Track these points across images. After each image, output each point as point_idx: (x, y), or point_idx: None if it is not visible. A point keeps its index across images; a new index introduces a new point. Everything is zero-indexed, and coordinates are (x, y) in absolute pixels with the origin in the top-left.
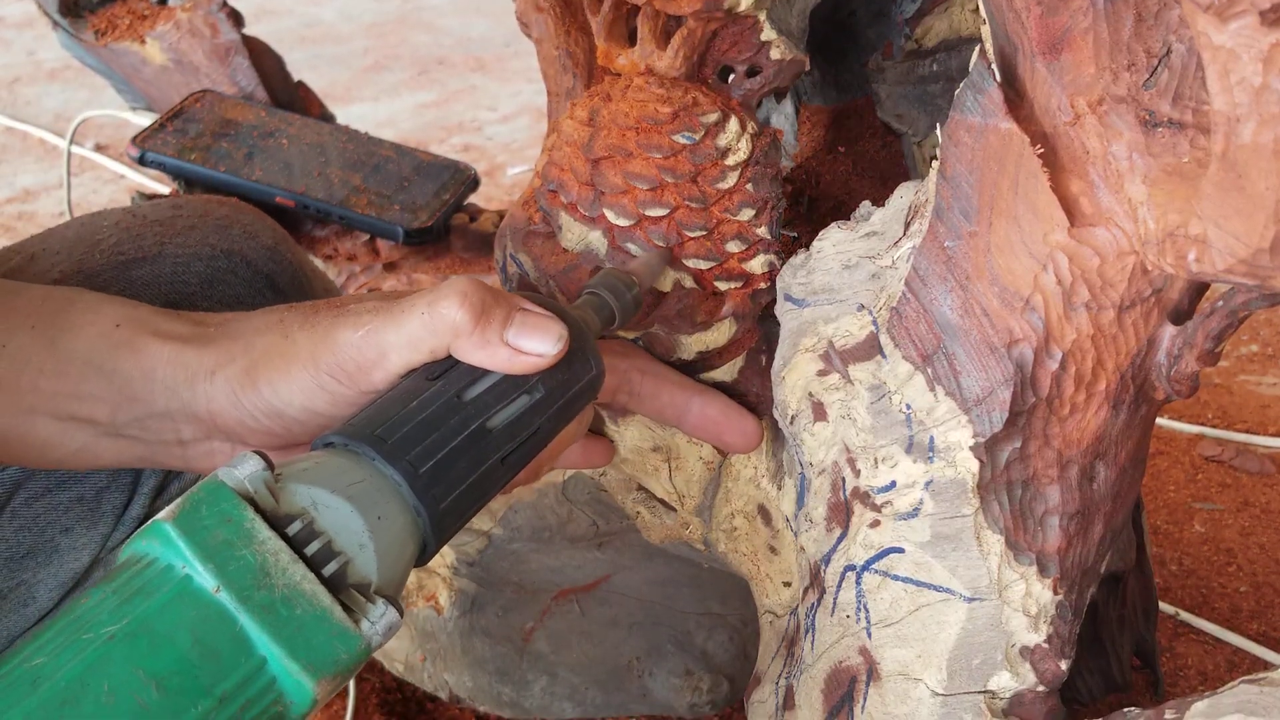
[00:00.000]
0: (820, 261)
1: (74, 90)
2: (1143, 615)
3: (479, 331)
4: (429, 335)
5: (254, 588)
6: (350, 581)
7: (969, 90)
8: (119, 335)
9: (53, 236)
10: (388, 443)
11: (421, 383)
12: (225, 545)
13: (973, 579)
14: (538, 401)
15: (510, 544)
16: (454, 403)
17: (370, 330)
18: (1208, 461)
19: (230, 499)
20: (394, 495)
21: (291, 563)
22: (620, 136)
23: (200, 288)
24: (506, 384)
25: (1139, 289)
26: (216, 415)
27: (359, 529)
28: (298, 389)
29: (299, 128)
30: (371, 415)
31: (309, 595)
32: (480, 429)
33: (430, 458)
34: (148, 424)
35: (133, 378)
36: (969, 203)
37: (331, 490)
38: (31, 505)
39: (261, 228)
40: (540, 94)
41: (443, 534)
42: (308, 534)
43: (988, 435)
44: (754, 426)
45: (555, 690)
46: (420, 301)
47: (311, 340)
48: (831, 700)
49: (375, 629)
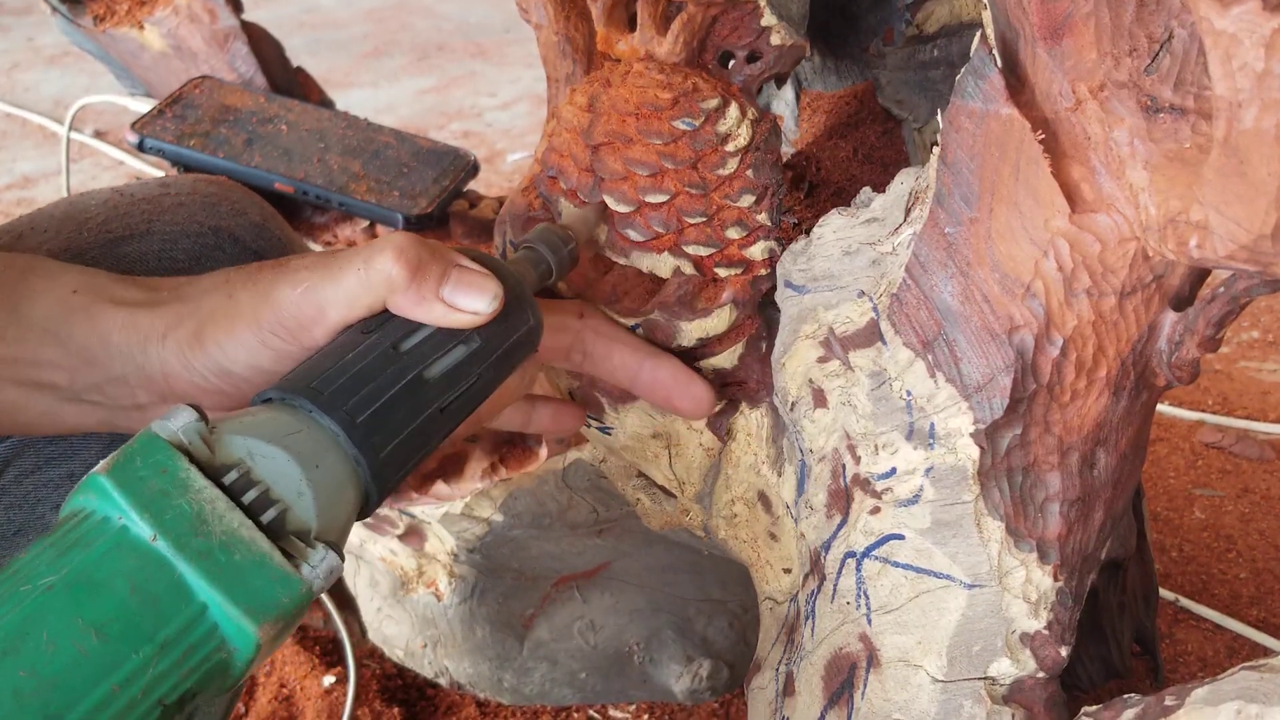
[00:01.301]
0: (821, 248)
1: (73, 76)
2: (1143, 602)
3: (414, 287)
4: (365, 291)
5: (191, 535)
6: (290, 529)
7: (970, 76)
8: (75, 301)
9: (41, 215)
10: (324, 394)
11: (357, 336)
12: (161, 494)
13: (973, 565)
14: (475, 351)
15: (510, 531)
16: (390, 353)
17: (308, 288)
18: (1208, 448)
19: (164, 450)
20: (332, 445)
21: (228, 510)
22: (620, 122)
23: (189, 264)
24: (443, 334)
25: (1140, 275)
26: (170, 377)
27: (296, 476)
28: (242, 348)
29: (298, 114)
30: (308, 369)
31: (247, 541)
32: (417, 378)
33: (367, 407)
34: (105, 389)
35: (89, 343)
36: (970, 189)
37: (268, 440)
38: (22, 482)
39: (249, 205)
40: (540, 80)
41: (384, 483)
42: (244, 483)
43: (988, 422)
44: (703, 391)
45: (555, 677)
46: (357, 258)
47: (253, 299)
48: (831, 687)
49: (316, 572)
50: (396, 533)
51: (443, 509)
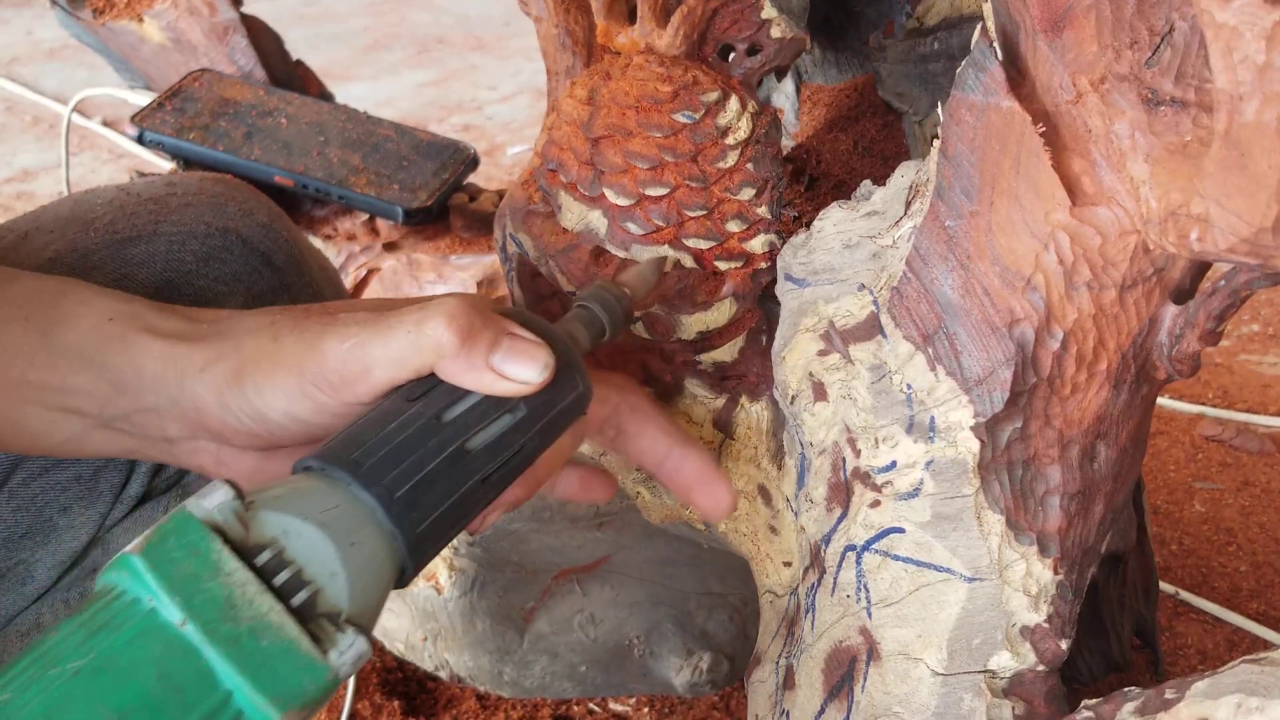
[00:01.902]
0: (821, 241)
1: (72, 69)
2: (1143, 595)
3: (465, 355)
4: (414, 354)
5: (220, 620)
6: (320, 610)
7: (970, 69)
8: (111, 329)
9: (45, 214)
10: (363, 467)
11: (401, 403)
12: (192, 578)
13: (973, 559)
14: (520, 421)
15: (510, 524)
16: (432, 424)
17: (357, 343)
18: (1208, 441)
19: (198, 530)
20: (369, 520)
21: (259, 594)
22: (620, 115)
23: (197, 265)
24: (488, 404)
25: (1141, 268)
26: (203, 413)
27: (330, 557)
28: (282, 395)
29: (298, 107)
30: (348, 438)
31: (276, 627)
32: (459, 450)
33: (407, 481)
34: (135, 419)
35: (123, 372)
36: (970, 182)
37: (303, 518)
38: (29, 485)
39: (257, 205)
40: (540, 73)
41: (421, 557)
42: (277, 563)
43: (988, 415)
44: (726, 494)
45: (556, 670)
46: (409, 319)
47: (299, 347)
48: (832, 680)
49: (344, 659)
50: None
51: None
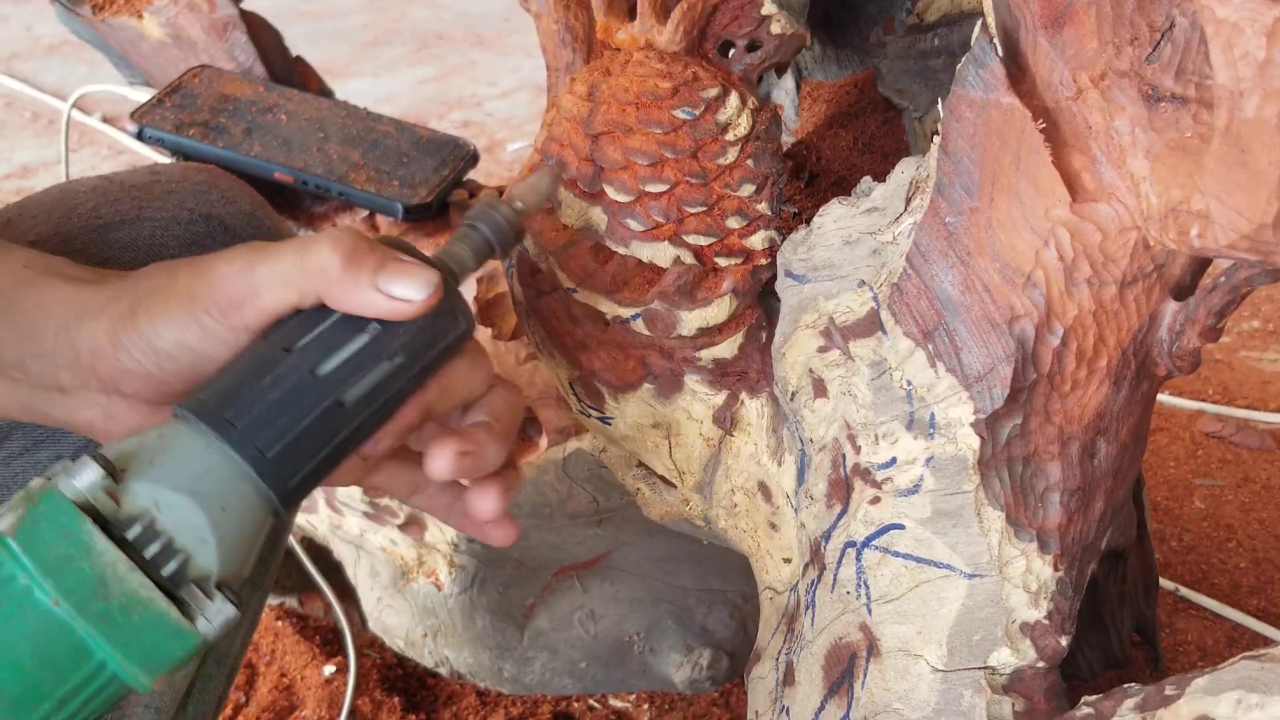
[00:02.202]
0: (821, 237)
1: (72, 65)
2: (1143, 591)
3: (349, 275)
4: (300, 276)
5: (92, 599)
6: (191, 576)
7: (971, 65)
8: (24, 274)
9: (29, 203)
10: (236, 427)
11: (276, 352)
12: (64, 559)
13: (973, 555)
14: (397, 368)
15: None
16: (307, 379)
17: (244, 265)
18: (1208, 438)
19: (69, 511)
20: (241, 481)
21: (129, 571)
22: (620, 112)
23: (180, 250)
24: (365, 353)
25: (1141, 265)
26: (97, 356)
27: (200, 524)
28: (173, 324)
29: (298, 103)
30: (223, 390)
31: (146, 601)
32: (334, 404)
33: (280, 440)
34: (29, 365)
35: (29, 312)
36: (970, 178)
37: (174, 488)
38: (10, 465)
39: (239, 193)
40: (540, 69)
41: (293, 505)
42: (148, 535)
43: (989, 412)
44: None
45: (556, 666)
46: (295, 244)
47: (190, 277)
48: (832, 676)
49: (211, 625)
50: (397, 523)
51: None
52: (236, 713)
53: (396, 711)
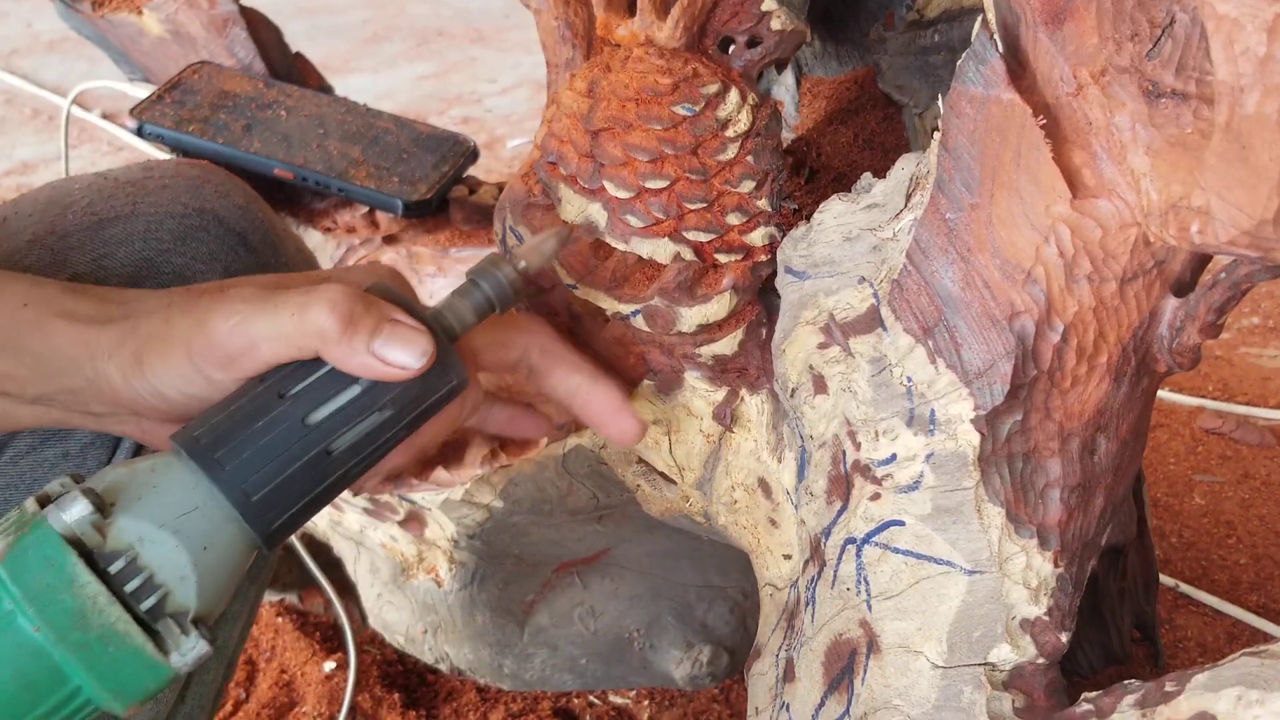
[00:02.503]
0: (821, 234)
1: (72, 62)
2: (1143, 588)
3: (345, 340)
4: (298, 335)
5: (71, 629)
6: (168, 611)
7: (971, 61)
8: (27, 314)
9: (24, 201)
10: (225, 469)
11: (271, 399)
12: (48, 589)
13: (973, 552)
14: (386, 420)
15: (510, 517)
16: (297, 427)
17: (241, 319)
18: (1208, 434)
19: (55, 544)
20: (225, 521)
21: (109, 604)
22: (620, 108)
23: (174, 244)
24: (355, 406)
25: (1141, 261)
26: (117, 393)
27: (182, 563)
28: (177, 375)
29: (297, 99)
30: (217, 430)
31: (123, 635)
32: (322, 453)
33: (266, 484)
34: (58, 398)
35: (43, 356)
36: (970, 174)
37: (159, 525)
38: (18, 463)
39: (233, 188)
40: (540, 66)
41: (275, 545)
42: (130, 571)
43: (989, 408)
44: (632, 425)
45: (556, 662)
46: (293, 301)
47: (188, 326)
48: (832, 672)
49: (184, 660)
50: (396, 519)
51: (443, 495)
52: (237, 709)
53: (397, 708)
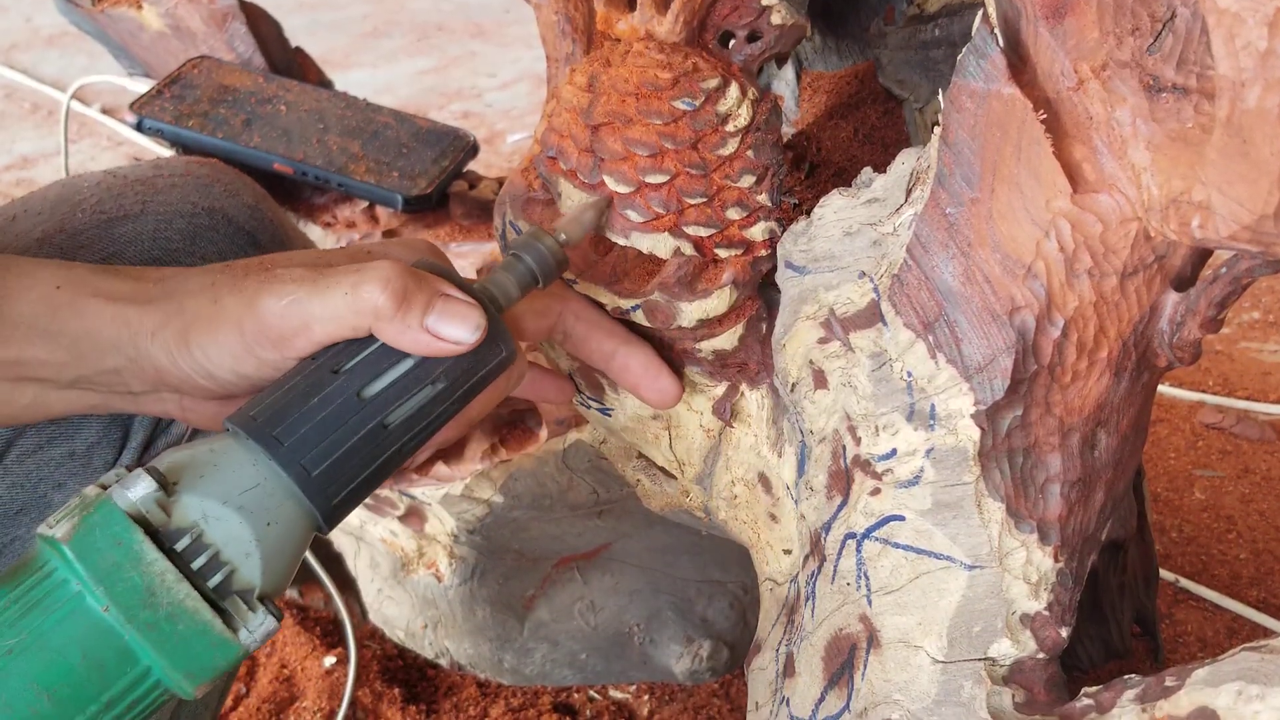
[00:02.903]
0: (821, 228)
1: (71, 56)
2: (1143, 583)
3: (400, 317)
4: (351, 314)
5: (140, 607)
6: (235, 589)
7: (971, 55)
8: (60, 297)
9: (34, 198)
10: (283, 445)
11: (325, 374)
12: (115, 568)
13: (973, 547)
14: (440, 392)
15: (511, 512)
16: (353, 401)
17: (294, 300)
18: (1208, 429)
19: (122, 522)
20: (287, 497)
21: (176, 582)
22: (620, 102)
23: (183, 244)
24: (409, 378)
25: (1142, 256)
26: (161, 371)
27: (247, 539)
28: (227, 354)
29: (297, 94)
30: (271, 407)
31: (191, 612)
32: (378, 426)
33: (325, 459)
34: (97, 379)
35: (79, 338)
36: (971, 169)
37: (222, 502)
38: (24, 462)
39: (242, 186)
40: (540, 60)
41: (335, 521)
42: (196, 548)
43: (989, 403)
44: (671, 384)
45: (556, 657)
46: (345, 280)
47: (238, 305)
48: (832, 667)
49: (253, 637)
50: (397, 514)
51: (443, 490)
52: (237, 703)
53: (397, 702)
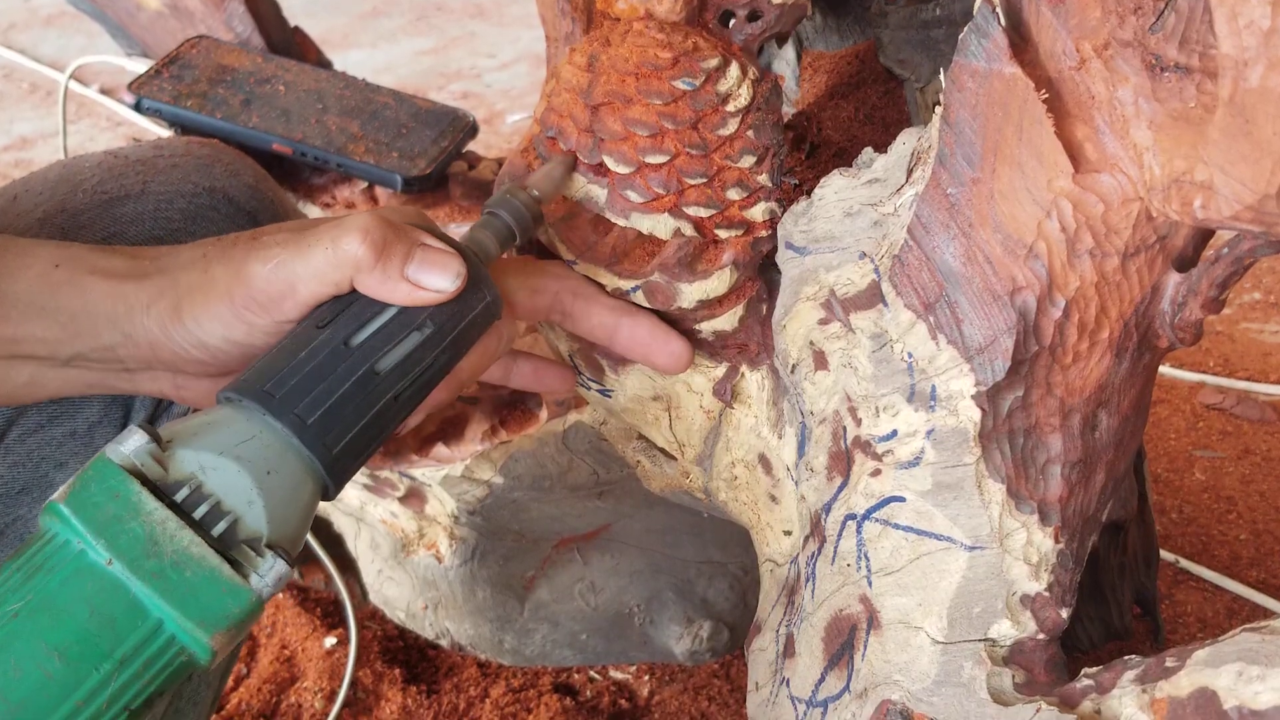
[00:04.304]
0: (822, 209)
1: (69, 36)
2: (1143, 563)
3: (380, 267)
4: (333, 269)
5: (144, 557)
6: (241, 538)
7: (973, 34)
8: (59, 275)
9: (35, 178)
10: (275, 397)
11: (311, 330)
12: (114, 519)
13: (974, 528)
14: (428, 338)
15: (511, 493)
16: (340, 350)
17: (279, 263)
18: (1209, 409)
19: (117, 474)
20: (286, 448)
21: (179, 529)
22: (620, 82)
23: (184, 224)
24: (394, 324)
25: (1143, 236)
26: (155, 347)
27: (247, 486)
28: (217, 322)
29: (296, 74)
30: (261, 368)
31: (197, 558)
32: (369, 373)
33: (318, 407)
34: (92, 356)
35: (76, 314)
36: (972, 149)
37: (218, 452)
38: (25, 441)
39: (242, 166)
40: (540, 40)
41: (341, 475)
42: (196, 498)
43: (990, 384)
44: (681, 347)
45: (556, 638)
46: (325, 236)
47: (227, 274)
48: (832, 648)
49: (265, 581)
50: (397, 495)
51: (443, 471)
52: (238, 684)
53: (398, 683)
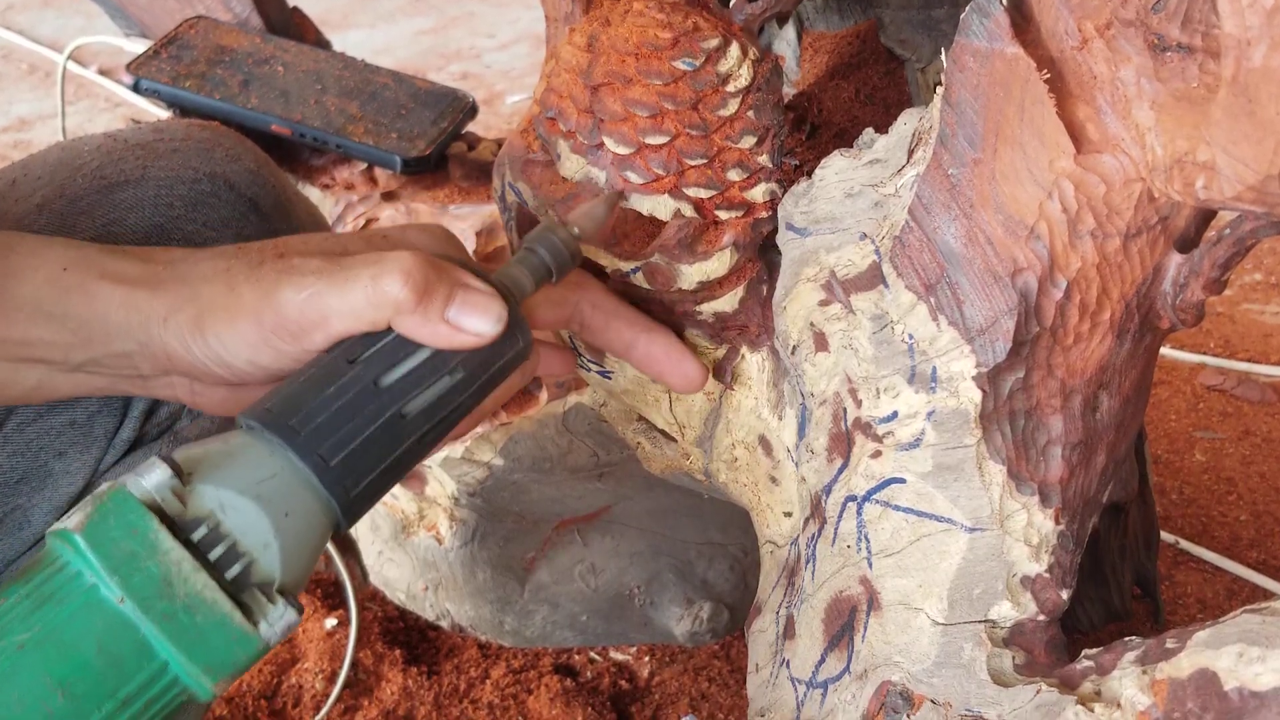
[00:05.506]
0: (822, 190)
1: (68, 17)
2: (1144, 545)
3: (421, 310)
4: (371, 309)
5: (157, 598)
6: (254, 581)
7: (975, 14)
8: (68, 279)
9: (33, 162)
10: (300, 434)
11: (340, 364)
12: (130, 557)
13: (974, 509)
14: (458, 382)
15: (511, 475)
16: (370, 390)
17: (313, 294)
18: (1209, 391)
19: (136, 510)
20: (304, 488)
21: (194, 571)
22: (620, 62)
23: (185, 210)
24: (426, 368)
25: (1145, 217)
26: (172, 357)
27: (265, 529)
28: (244, 344)
29: (294, 55)
30: (287, 398)
31: (210, 603)
32: (396, 415)
33: (343, 449)
34: (105, 362)
35: (87, 321)
36: (974, 129)
37: (239, 491)
38: (24, 430)
39: (243, 151)
40: (540, 20)
41: (353, 517)
42: (213, 538)
43: (991, 365)
44: (695, 369)
45: (557, 619)
46: (365, 272)
47: (255, 296)
48: (832, 629)
49: (273, 630)
50: None
51: (443, 453)
52: None
53: (398, 664)
